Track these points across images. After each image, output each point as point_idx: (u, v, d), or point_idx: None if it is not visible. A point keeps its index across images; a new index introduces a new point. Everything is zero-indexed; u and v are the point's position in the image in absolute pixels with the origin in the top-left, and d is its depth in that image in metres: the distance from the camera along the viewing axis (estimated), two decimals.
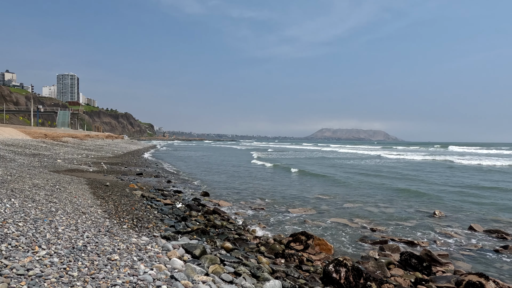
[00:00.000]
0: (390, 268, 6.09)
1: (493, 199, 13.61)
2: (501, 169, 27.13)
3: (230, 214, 10.36)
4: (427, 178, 20.72)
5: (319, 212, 11.12)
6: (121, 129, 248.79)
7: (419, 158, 40.37)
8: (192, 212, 9.42)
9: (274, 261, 5.99)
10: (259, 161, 33.19)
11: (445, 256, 6.98)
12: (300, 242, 6.96)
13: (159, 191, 12.97)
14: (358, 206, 12.13)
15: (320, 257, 6.58)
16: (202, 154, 48.02)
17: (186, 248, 5.52)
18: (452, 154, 51.07)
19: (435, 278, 5.68)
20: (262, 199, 13.22)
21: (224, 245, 6.24)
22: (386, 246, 7.38)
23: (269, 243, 7.12)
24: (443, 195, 14.31)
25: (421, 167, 29.13)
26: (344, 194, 14.61)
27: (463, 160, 35.23)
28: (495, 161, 34.26)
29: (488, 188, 16.40)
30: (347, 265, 5.06)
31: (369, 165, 30.52)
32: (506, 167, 29.20)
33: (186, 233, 7.03)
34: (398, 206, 12.03)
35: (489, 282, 5.10)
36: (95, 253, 4.42)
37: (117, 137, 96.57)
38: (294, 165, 28.91)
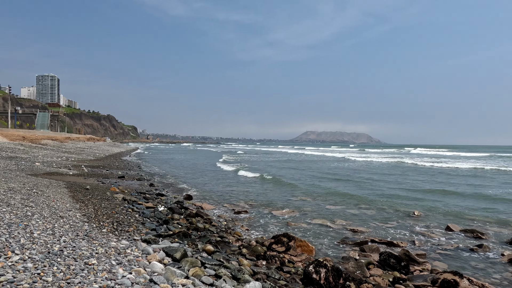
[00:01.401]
0: (369, 268, 6.20)
1: (464, 200, 14.04)
2: (452, 171, 27.65)
3: (213, 216, 10.32)
4: (366, 180, 21.20)
5: (302, 214, 11.21)
6: (103, 131, 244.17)
7: (383, 160, 41.03)
8: (175, 215, 9.34)
9: (256, 263, 6.00)
10: (223, 164, 32.93)
11: (423, 256, 7.15)
12: (282, 244, 7.00)
13: (141, 194, 12.79)
14: (341, 208, 12.29)
15: (301, 258, 6.64)
16: (184, 158, 47.77)
17: (166, 251, 5.47)
18: (420, 156, 52.91)
19: (412, 277, 5.81)
20: (246, 202, 13.22)
21: (206, 248, 6.21)
22: (366, 246, 7.50)
23: (251, 245, 7.13)
24: (418, 196, 14.67)
25: (376, 169, 29.40)
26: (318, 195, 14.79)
27: (425, 163, 35.83)
28: (451, 163, 34.78)
29: (453, 191, 16.90)
30: (327, 265, 5.12)
31: (324, 167, 30.79)
32: (461, 169, 29.53)
33: (168, 236, 6.96)
34: (379, 207, 12.25)
35: (463, 279, 5.27)
36: (72, 257, 4.33)
37: (99, 140, 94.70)
38: (247, 167, 28.70)
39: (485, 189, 16.94)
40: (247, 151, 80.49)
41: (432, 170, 28.88)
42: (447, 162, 36.68)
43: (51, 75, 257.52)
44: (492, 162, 38.40)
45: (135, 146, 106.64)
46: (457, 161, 40.34)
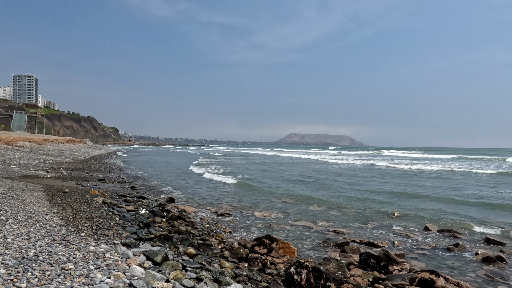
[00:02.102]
0: (350, 269, 6.29)
1: (439, 200, 14.46)
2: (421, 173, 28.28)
3: (196, 219, 10.24)
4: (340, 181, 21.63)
5: (285, 216, 11.27)
6: (83, 133, 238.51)
7: (357, 163, 41.52)
8: (156, 218, 9.22)
9: (238, 265, 5.99)
10: (195, 166, 32.29)
11: (402, 256, 7.31)
12: (264, 246, 7.02)
13: (122, 197, 12.57)
14: (323, 209, 12.42)
15: (283, 260, 6.67)
16: (160, 160, 47.28)
17: (147, 255, 5.39)
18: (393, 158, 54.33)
19: (391, 277, 5.93)
20: (229, 204, 13.18)
21: (187, 251, 6.16)
22: (347, 247, 7.61)
23: (234, 247, 7.11)
24: (395, 198, 15.00)
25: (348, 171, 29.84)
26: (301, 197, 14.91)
27: (396, 165, 36.28)
28: (420, 165, 35.30)
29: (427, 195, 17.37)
30: (308, 267, 5.17)
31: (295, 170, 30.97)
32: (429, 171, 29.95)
33: (149, 239, 6.86)
34: (361, 209, 12.44)
35: (439, 278, 5.42)
36: (48, 262, 4.21)
37: (79, 142, 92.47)
38: (216, 170, 28.19)
39: (457, 190, 17.47)
40: (226, 153, 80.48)
41: (402, 171, 29.60)
42: (417, 164, 37.20)
43: (29, 75, 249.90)
44: (458, 164, 39.44)
45: (117, 148, 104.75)
46: (427, 163, 41.40)
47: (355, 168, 33.84)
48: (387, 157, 59.47)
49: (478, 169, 30.88)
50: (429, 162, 43.84)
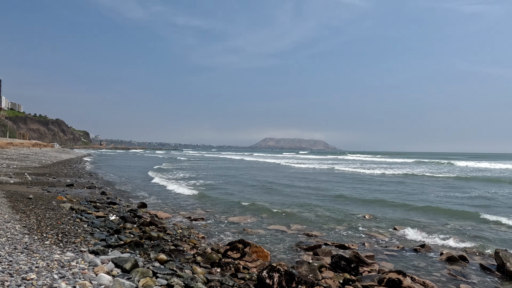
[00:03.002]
0: (322, 271, 6.38)
1: (405, 202, 15.02)
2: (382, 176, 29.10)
3: (168, 225, 10.06)
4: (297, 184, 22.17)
5: (259, 220, 11.29)
6: (51, 136, 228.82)
7: (318, 167, 41.97)
8: (127, 224, 8.97)
9: (210, 271, 5.94)
10: (152, 171, 30.90)
11: (372, 257, 7.50)
12: (237, 250, 6.99)
13: (91, 203, 12.14)
14: (297, 211, 12.55)
15: (256, 264, 6.67)
16: (120, 164, 46.14)
17: (116, 262, 5.23)
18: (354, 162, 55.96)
19: (361, 278, 6.07)
20: (203, 209, 13.06)
21: (159, 257, 6.03)
22: (320, 250, 7.72)
23: (207, 252, 7.04)
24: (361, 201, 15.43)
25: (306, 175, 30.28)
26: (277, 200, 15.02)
27: (354, 169, 36.72)
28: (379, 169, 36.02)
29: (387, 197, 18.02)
30: (280, 270, 5.20)
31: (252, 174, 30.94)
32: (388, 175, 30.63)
33: (118, 246, 6.66)
34: (332, 212, 12.67)
35: (406, 278, 5.60)
36: (7, 273, 4.01)
37: (46, 146, 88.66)
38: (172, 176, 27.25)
39: (421, 194, 18.22)
40: (194, 157, 79.18)
41: (362, 175, 30.32)
42: (378, 168, 38.01)
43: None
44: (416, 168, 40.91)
45: (87, 152, 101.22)
46: (386, 166, 42.90)
47: (317, 172, 34.31)
48: (351, 161, 61.32)
49: (431, 173, 32.15)
50: (388, 166, 45.44)
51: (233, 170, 36.19)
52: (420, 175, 29.99)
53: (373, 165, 45.99)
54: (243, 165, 47.44)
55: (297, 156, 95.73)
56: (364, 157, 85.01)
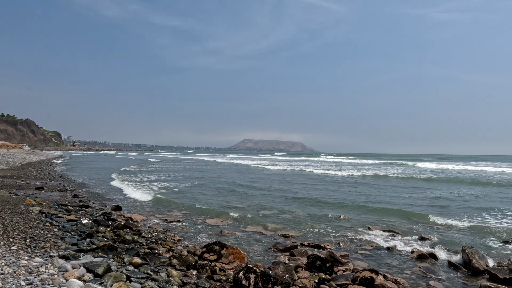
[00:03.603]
0: (297, 271, 6.46)
1: (376, 202, 15.47)
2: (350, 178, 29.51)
3: (144, 228, 9.87)
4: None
5: (236, 221, 11.27)
6: (20, 137, 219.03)
7: (289, 168, 42.11)
8: (100, 228, 8.73)
9: (186, 274, 5.88)
10: (117, 173, 29.57)
11: (346, 256, 7.67)
12: (214, 252, 6.96)
13: (63, 206, 11.73)
14: (274, 213, 12.62)
15: (233, 266, 6.67)
16: (105, 166, 44.89)
17: (87, 267, 5.09)
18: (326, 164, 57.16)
19: (336, 277, 6.19)
20: (179, 211, 12.90)
21: (133, 261, 5.91)
22: (296, 250, 7.81)
23: (183, 255, 6.97)
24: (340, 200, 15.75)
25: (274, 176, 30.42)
26: (254, 202, 15.07)
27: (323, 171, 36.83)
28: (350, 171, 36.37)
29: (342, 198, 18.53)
30: (256, 271, 5.22)
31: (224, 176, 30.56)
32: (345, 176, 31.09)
33: (91, 250, 6.48)
34: (308, 213, 12.84)
35: (379, 276, 5.77)
36: None
37: (15, 147, 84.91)
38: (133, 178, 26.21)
39: (393, 193, 18.82)
40: (168, 158, 77.09)
41: (329, 177, 30.40)
42: (348, 170, 38.61)
43: None
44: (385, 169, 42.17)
45: (58, 154, 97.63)
46: (357, 168, 44.07)
47: (286, 173, 34.23)
48: (323, 162, 62.54)
49: (399, 174, 33.07)
50: (356, 167, 46.53)
51: (202, 172, 34.95)
52: (391, 176, 30.77)
53: (341, 167, 46.81)
54: (214, 167, 46.44)
55: (271, 158, 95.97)
56: (336, 159, 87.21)
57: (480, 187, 22.90)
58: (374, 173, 33.14)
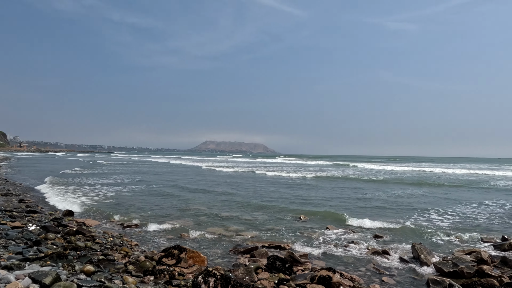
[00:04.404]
0: (258, 273, 6.48)
1: (333, 201, 16.05)
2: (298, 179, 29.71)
3: (98, 233, 9.40)
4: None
5: (196, 224, 11.10)
6: None
7: (241, 170, 41.64)
8: (49, 235, 8.17)
9: (143, 279, 5.67)
10: (53, 176, 27.27)
11: (305, 256, 7.82)
12: (173, 257, 6.78)
13: (7, 212, 10.86)
14: (235, 215, 12.60)
15: (192, 269, 6.54)
16: (46, 168, 42.14)
17: (33, 277, 4.73)
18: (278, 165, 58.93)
19: (295, 277, 6.28)
20: (137, 214, 12.46)
21: (85, 269, 5.59)
22: (256, 252, 7.83)
23: (140, 260, 6.71)
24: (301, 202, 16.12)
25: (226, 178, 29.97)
26: (220, 204, 14.98)
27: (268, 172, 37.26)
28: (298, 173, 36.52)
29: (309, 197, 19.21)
30: (216, 274, 5.16)
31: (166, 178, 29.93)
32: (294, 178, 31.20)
33: (38, 259, 6.04)
34: (270, 213, 12.96)
35: (335, 274, 5.94)
36: None
37: None
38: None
39: (351, 193, 19.61)
40: (121, 161, 72.94)
41: (278, 178, 30.75)
42: (299, 171, 39.36)
43: None
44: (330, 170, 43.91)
45: (3, 155, 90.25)
46: (307, 169, 45.59)
47: (237, 175, 33.87)
48: (278, 164, 63.82)
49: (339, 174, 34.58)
50: (306, 168, 48.12)
51: (148, 175, 32.72)
52: (332, 177, 31.82)
53: (294, 168, 47.72)
54: (165, 169, 44.38)
55: (229, 159, 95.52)
56: (292, 160, 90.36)
57: (425, 187, 24.51)
58: (316, 175, 33.47)
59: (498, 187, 24.22)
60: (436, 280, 6.28)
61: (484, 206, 15.42)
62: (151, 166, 52.17)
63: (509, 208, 15.11)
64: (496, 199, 17.96)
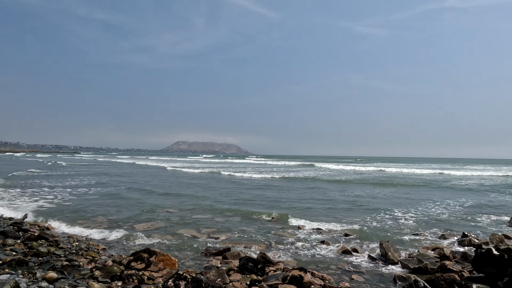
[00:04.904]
0: (230, 274, 6.43)
1: (303, 202, 16.33)
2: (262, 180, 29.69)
3: (62, 237, 8.98)
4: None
5: (167, 226, 10.87)
6: None
7: (205, 171, 41.14)
8: (8, 240, 7.72)
9: (110, 285, 5.47)
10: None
11: (278, 256, 7.86)
12: (142, 260, 6.59)
13: None
14: (208, 217, 12.46)
15: (163, 273, 6.39)
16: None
17: None
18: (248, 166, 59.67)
19: (267, 278, 6.30)
20: (105, 217, 12.03)
21: (47, 276, 5.32)
22: (229, 253, 7.78)
23: (107, 265, 6.47)
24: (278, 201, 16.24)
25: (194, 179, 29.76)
26: (191, 205, 14.78)
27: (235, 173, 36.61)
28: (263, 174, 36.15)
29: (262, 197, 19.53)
30: (187, 277, 5.07)
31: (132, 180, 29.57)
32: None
33: None
34: (242, 214, 12.93)
35: (307, 274, 6.01)
36: None
37: None
38: None
39: (319, 194, 20.02)
40: (85, 161, 69.56)
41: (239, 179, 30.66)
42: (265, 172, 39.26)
43: None
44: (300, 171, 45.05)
45: None
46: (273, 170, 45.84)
47: (199, 176, 33.35)
48: (246, 165, 64.06)
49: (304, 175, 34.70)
50: (271, 168, 48.77)
51: (112, 176, 31.46)
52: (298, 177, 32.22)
53: (261, 169, 47.89)
54: (128, 170, 42.80)
55: (199, 160, 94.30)
56: (262, 161, 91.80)
57: (390, 187, 25.44)
58: (283, 176, 33.43)
59: (458, 187, 25.55)
60: (403, 276, 6.51)
61: (445, 205, 16.20)
62: (115, 167, 50.21)
63: (468, 206, 15.97)
64: (457, 198, 18.94)
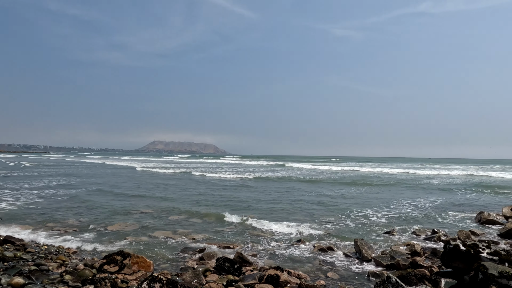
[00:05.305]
0: (206, 275, 6.37)
1: (282, 202, 16.48)
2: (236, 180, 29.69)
3: (30, 241, 8.60)
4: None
5: (142, 227, 10.64)
6: None
7: (177, 171, 40.81)
8: None
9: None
10: None
11: (255, 256, 7.87)
12: (116, 263, 6.41)
13: None
14: (183, 218, 12.30)
15: (137, 276, 6.24)
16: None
17: None
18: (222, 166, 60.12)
19: (244, 278, 6.28)
20: (76, 219, 11.61)
21: (13, 282, 5.07)
22: (205, 254, 7.70)
23: (78, 269, 6.25)
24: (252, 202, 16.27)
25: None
26: (166, 205, 14.55)
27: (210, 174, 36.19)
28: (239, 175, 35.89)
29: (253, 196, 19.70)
30: (162, 280, 4.97)
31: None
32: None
33: None
34: (218, 214, 12.85)
35: (283, 273, 6.05)
36: None
37: None
38: None
39: (296, 194, 20.26)
40: (53, 162, 66.68)
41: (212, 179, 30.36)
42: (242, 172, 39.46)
43: None
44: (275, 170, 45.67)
45: None
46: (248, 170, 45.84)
47: (171, 176, 33.02)
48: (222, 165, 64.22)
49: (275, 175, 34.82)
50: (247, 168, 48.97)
51: (81, 177, 30.55)
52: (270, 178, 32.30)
53: (236, 169, 47.97)
54: (96, 170, 41.54)
55: (173, 160, 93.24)
56: (236, 160, 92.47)
57: (363, 186, 26.11)
58: (256, 176, 33.42)
59: (428, 185, 26.54)
60: (376, 273, 6.68)
61: (416, 203, 16.78)
62: (84, 167, 48.55)
63: (438, 204, 16.62)
64: (427, 196, 19.66)
